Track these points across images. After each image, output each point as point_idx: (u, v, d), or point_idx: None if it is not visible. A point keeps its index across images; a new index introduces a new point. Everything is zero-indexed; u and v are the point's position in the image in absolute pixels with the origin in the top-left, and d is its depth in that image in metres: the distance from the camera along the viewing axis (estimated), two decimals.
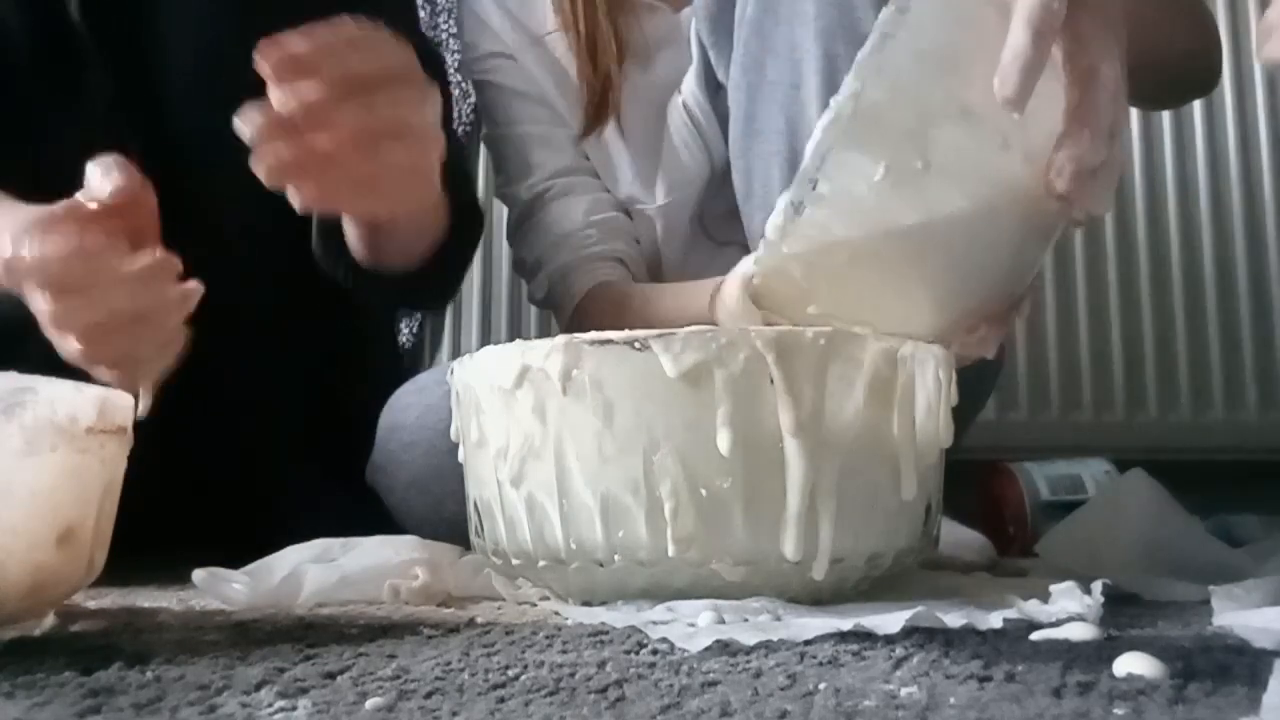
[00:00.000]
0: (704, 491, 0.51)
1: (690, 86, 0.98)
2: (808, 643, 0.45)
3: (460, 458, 0.61)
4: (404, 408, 0.84)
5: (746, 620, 0.49)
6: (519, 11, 0.99)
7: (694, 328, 0.53)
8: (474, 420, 0.57)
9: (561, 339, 0.53)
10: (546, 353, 0.53)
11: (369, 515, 0.81)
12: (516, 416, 0.54)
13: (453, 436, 0.62)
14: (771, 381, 0.51)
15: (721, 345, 0.51)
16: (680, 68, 0.98)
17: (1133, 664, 0.39)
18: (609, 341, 0.52)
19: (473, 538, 0.61)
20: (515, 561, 0.57)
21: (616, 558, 0.53)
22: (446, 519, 0.77)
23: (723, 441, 0.51)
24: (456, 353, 1.51)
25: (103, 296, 0.59)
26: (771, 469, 0.51)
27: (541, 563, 0.55)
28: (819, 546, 0.51)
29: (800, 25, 0.82)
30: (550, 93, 0.98)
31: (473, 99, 1.11)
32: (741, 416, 0.51)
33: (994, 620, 0.48)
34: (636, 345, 0.52)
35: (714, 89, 0.97)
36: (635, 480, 0.52)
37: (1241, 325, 1.51)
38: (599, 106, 0.97)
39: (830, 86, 0.56)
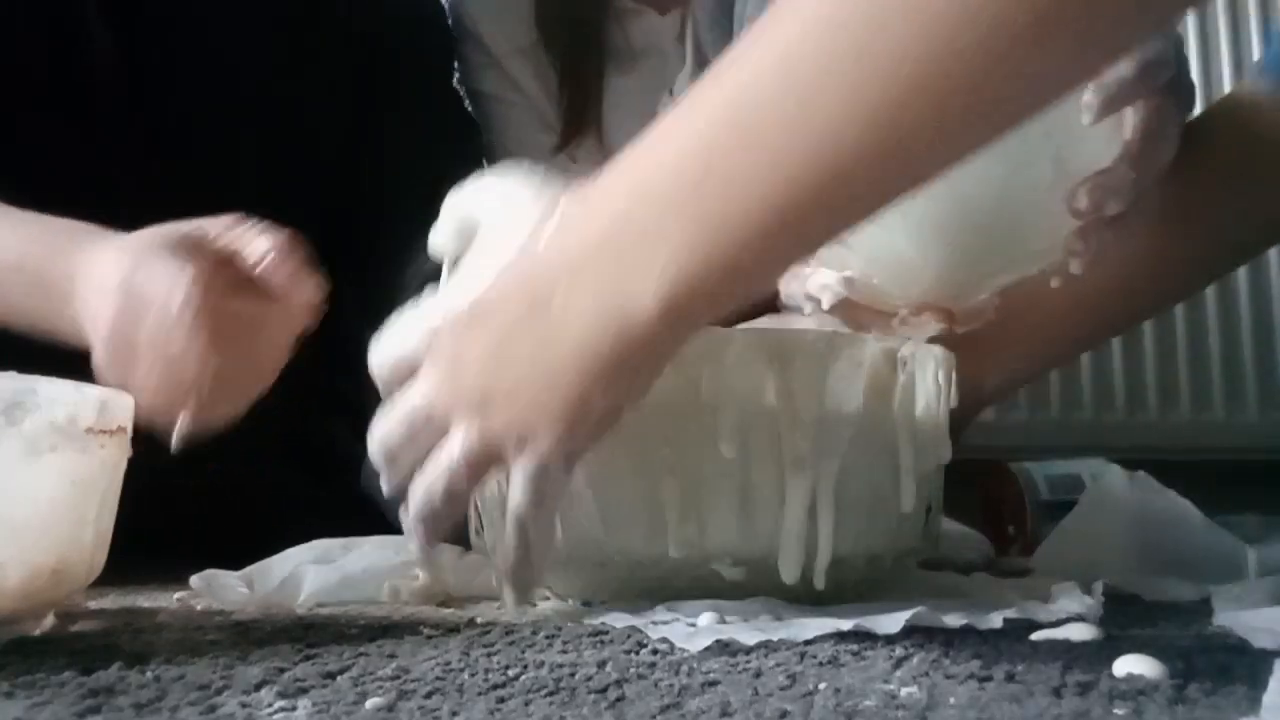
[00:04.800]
0: (705, 492, 0.51)
1: (683, 88, 0.98)
2: (808, 643, 0.45)
3: None
4: None
5: (746, 620, 0.49)
6: (505, 20, 0.99)
7: None
8: None
9: None
10: None
11: (367, 518, 0.81)
12: None
13: None
14: (772, 383, 0.51)
15: (723, 345, 0.51)
16: (666, 71, 0.99)
17: (1133, 664, 0.39)
18: None
19: (473, 537, 0.61)
20: None
21: (616, 558, 0.53)
22: None
23: (724, 442, 0.50)
24: None
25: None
26: (772, 469, 0.51)
27: None
28: (818, 554, 0.51)
29: None
30: (538, 100, 0.98)
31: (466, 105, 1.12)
32: (743, 417, 0.51)
33: (994, 620, 0.48)
34: None
35: None
36: (636, 480, 0.51)
37: (1241, 325, 1.51)
38: (579, 118, 0.98)
39: None
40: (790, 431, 0.51)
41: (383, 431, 0.48)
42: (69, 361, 0.57)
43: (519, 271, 0.46)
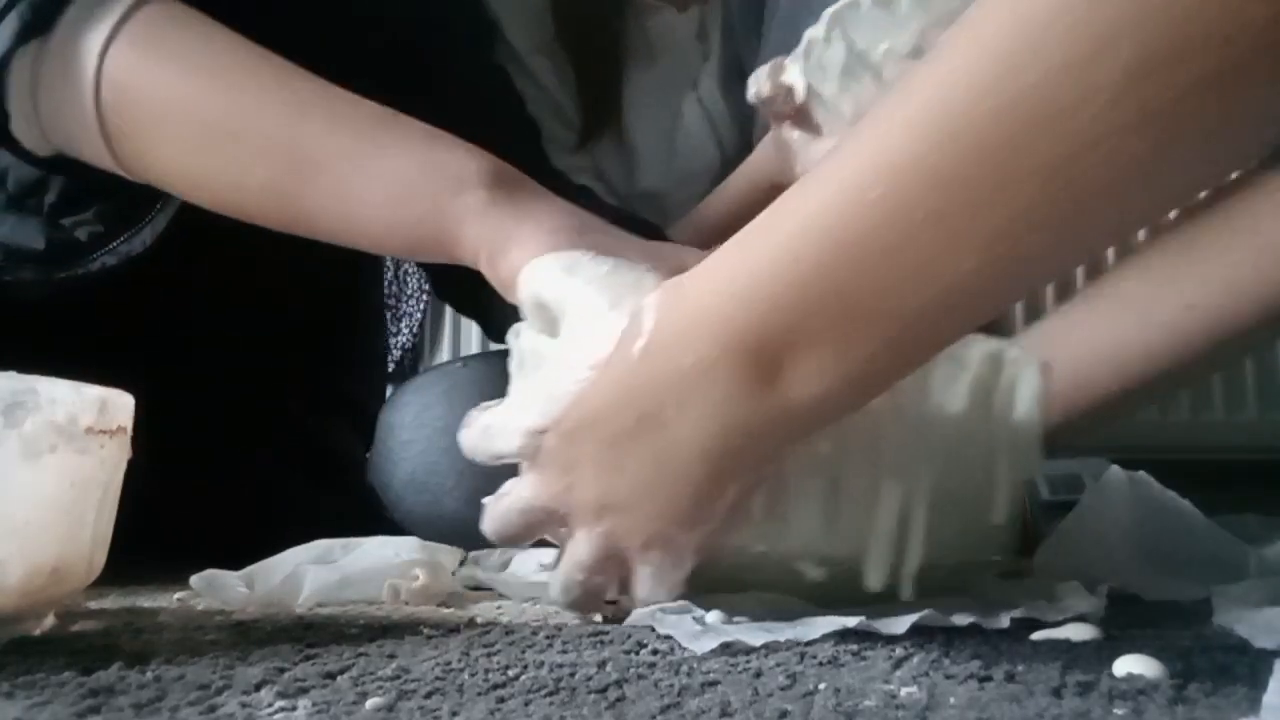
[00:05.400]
0: (793, 487, 0.48)
1: (708, 83, 0.98)
2: (808, 643, 0.45)
3: None
4: (401, 406, 0.84)
5: (755, 620, 0.48)
6: (522, 16, 0.99)
7: None
8: None
9: None
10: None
11: (367, 518, 0.81)
12: None
13: None
14: None
15: None
16: (686, 65, 0.99)
17: (1133, 664, 0.39)
18: None
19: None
20: None
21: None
22: (446, 516, 0.77)
23: (820, 436, 0.47)
24: (456, 351, 1.51)
25: None
26: (867, 469, 0.48)
27: None
28: (906, 560, 0.48)
29: None
30: (558, 96, 0.99)
31: None
32: None
33: (1001, 620, 0.48)
34: None
35: (734, 83, 0.98)
36: None
37: None
38: (597, 115, 0.98)
39: None
40: (890, 430, 0.48)
41: (500, 520, 0.50)
42: (69, 361, 0.57)
43: (617, 383, 0.45)
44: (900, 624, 0.45)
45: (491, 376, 0.83)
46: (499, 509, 0.50)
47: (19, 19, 0.62)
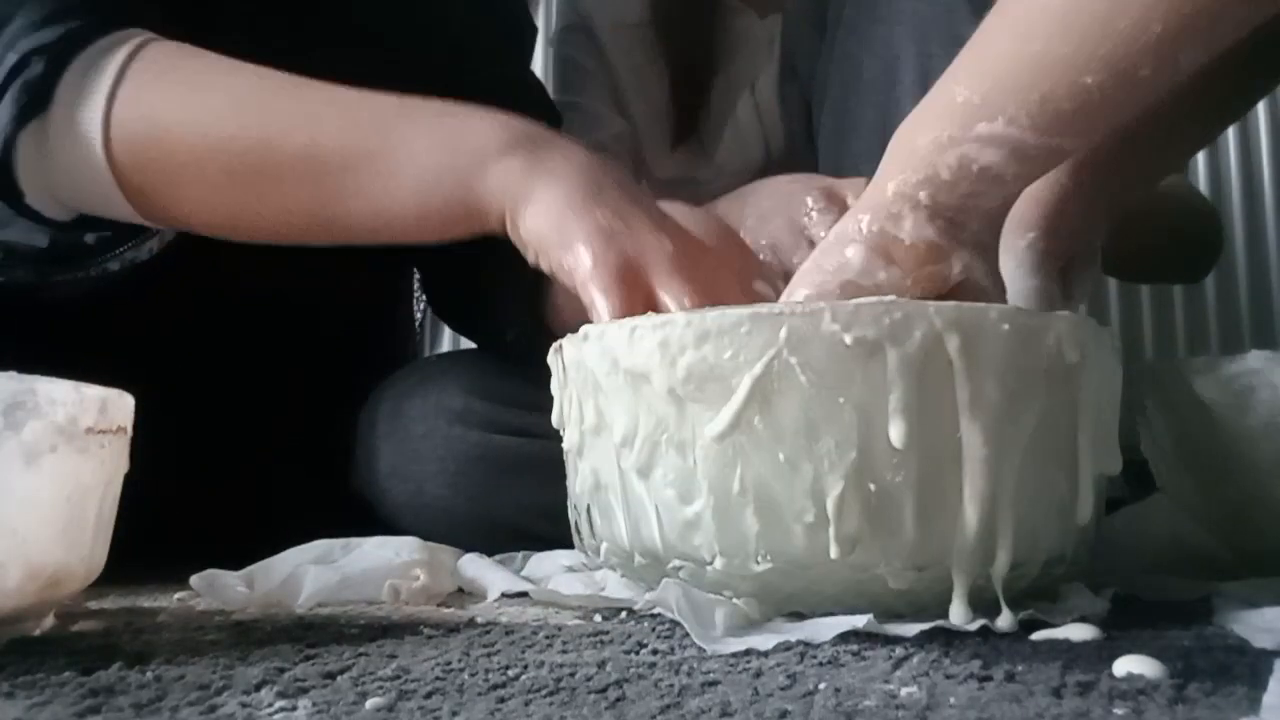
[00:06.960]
0: (872, 486, 0.45)
1: (765, 84, 0.99)
2: (808, 642, 0.45)
3: (566, 445, 0.55)
4: (377, 403, 0.85)
5: (768, 621, 0.48)
6: None
7: (865, 300, 0.46)
8: (591, 402, 0.51)
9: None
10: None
11: (367, 518, 0.81)
12: (646, 398, 0.48)
13: (554, 422, 0.56)
14: (955, 363, 0.45)
15: (895, 321, 0.44)
16: (754, 69, 1.00)
17: (1133, 664, 0.39)
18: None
19: (576, 537, 0.56)
20: (640, 561, 0.51)
21: (768, 559, 0.47)
22: (429, 502, 0.77)
23: (894, 428, 0.45)
24: (457, 343, 1.51)
25: None
26: (949, 463, 0.45)
27: (675, 562, 0.49)
28: (996, 561, 0.46)
29: (897, 24, 0.84)
30: (622, 78, 0.98)
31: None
32: (918, 402, 0.45)
33: (1011, 622, 0.47)
34: None
35: (787, 86, 0.98)
36: (794, 472, 0.45)
37: (1242, 325, 1.51)
38: (691, 113, 0.99)
39: (924, 85, 0.56)
40: (972, 421, 0.45)
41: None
42: (70, 361, 0.57)
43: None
44: (910, 626, 0.45)
45: (463, 368, 0.83)
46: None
47: (14, 102, 0.63)
